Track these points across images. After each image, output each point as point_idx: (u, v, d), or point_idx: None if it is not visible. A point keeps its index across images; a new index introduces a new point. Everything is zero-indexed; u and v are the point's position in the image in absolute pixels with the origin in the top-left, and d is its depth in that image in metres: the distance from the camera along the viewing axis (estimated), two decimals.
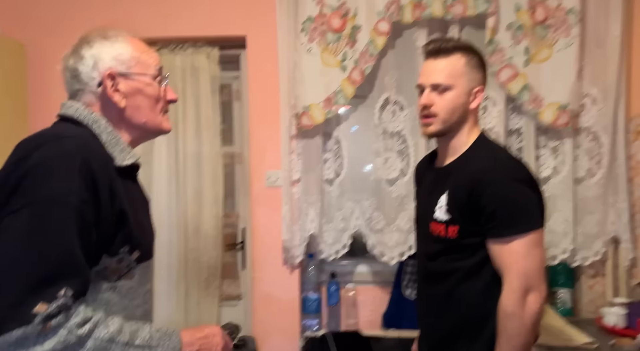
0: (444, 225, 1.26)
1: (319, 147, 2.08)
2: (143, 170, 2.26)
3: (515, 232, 1.16)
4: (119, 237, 0.92)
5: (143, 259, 0.99)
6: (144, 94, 1.03)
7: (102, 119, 0.99)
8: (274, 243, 2.18)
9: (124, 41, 1.02)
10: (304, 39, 1.99)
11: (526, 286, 1.16)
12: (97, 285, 0.90)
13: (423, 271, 1.40)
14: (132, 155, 1.02)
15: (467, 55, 1.27)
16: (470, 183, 1.20)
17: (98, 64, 0.98)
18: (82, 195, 0.84)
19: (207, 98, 2.26)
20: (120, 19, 2.20)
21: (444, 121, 1.26)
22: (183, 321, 2.30)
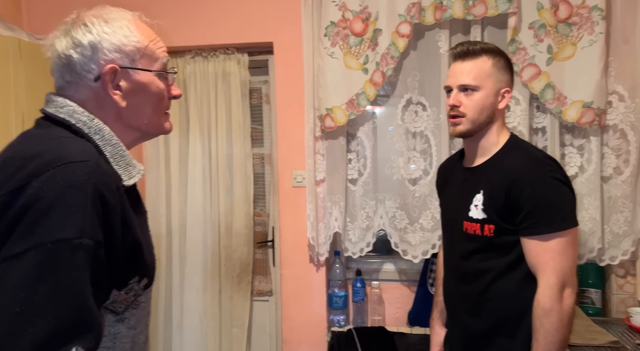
0: (479, 224, 1.28)
1: (342, 148, 2.14)
2: (179, 171, 2.43)
3: (555, 229, 1.19)
4: (130, 269, 0.82)
5: (149, 284, 0.89)
6: (148, 92, 0.88)
7: (105, 128, 0.83)
8: (301, 241, 2.26)
9: (129, 27, 0.87)
10: (327, 43, 2.06)
11: (562, 282, 1.19)
12: (104, 319, 0.81)
13: (455, 271, 1.42)
14: (138, 170, 0.88)
15: (494, 57, 1.31)
16: (508, 181, 1.23)
17: (97, 54, 0.83)
18: (96, 234, 0.71)
19: (237, 102, 2.37)
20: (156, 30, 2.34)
21: (472, 121, 1.30)
22: (218, 314, 2.42)
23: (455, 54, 1.35)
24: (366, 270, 2.34)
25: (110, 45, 0.84)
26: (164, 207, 2.47)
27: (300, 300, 2.30)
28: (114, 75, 0.84)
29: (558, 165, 1.29)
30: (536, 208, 1.20)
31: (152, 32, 0.92)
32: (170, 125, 0.96)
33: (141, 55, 0.87)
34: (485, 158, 1.35)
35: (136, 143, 0.94)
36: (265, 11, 2.25)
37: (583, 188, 1.93)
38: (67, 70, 0.83)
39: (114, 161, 0.83)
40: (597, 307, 2.06)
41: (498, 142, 1.34)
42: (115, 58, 0.84)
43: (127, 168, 0.85)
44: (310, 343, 2.28)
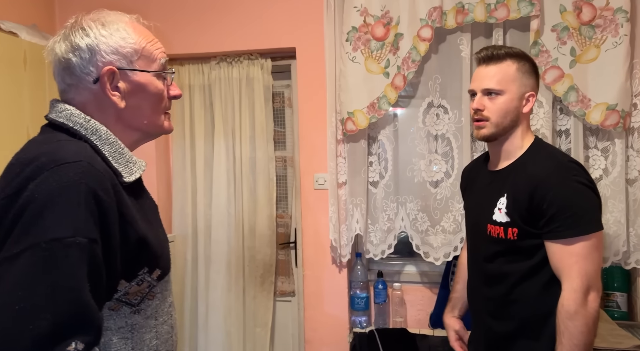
0: (502, 227, 1.29)
1: (364, 150, 2.17)
2: (205, 174, 2.50)
3: (579, 233, 1.19)
4: (137, 262, 0.85)
5: (164, 275, 0.93)
6: (147, 93, 0.90)
7: (102, 128, 0.85)
8: (323, 242, 2.29)
9: (126, 29, 0.89)
10: (349, 48, 2.09)
11: (587, 286, 1.19)
12: (120, 311, 0.85)
13: (479, 274, 1.43)
14: (139, 166, 0.91)
15: (519, 62, 1.32)
16: (532, 185, 1.24)
17: (95, 57, 0.85)
18: (91, 232, 0.73)
19: (260, 106, 2.43)
20: (181, 37, 2.42)
21: (496, 124, 1.32)
22: (242, 314, 2.47)
23: (480, 58, 1.36)
24: (388, 272, 2.36)
25: (108, 47, 0.85)
26: (190, 209, 2.54)
27: (322, 301, 2.34)
28: (112, 76, 0.86)
29: (583, 169, 1.28)
30: (560, 212, 1.20)
31: (150, 34, 0.94)
32: (170, 124, 0.97)
33: (139, 57, 0.89)
34: (510, 161, 1.36)
35: (139, 143, 0.96)
36: (288, 17, 2.29)
37: (607, 191, 1.91)
38: (67, 73, 0.86)
39: (113, 159, 0.85)
40: (623, 311, 2.04)
41: (522, 146, 1.35)
42: (113, 60, 0.86)
43: (127, 165, 0.87)
44: (333, 343, 2.31)
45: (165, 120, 0.96)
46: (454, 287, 1.64)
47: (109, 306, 0.83)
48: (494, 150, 1.41)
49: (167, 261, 0.94)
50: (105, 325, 0.82)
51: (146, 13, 2.52)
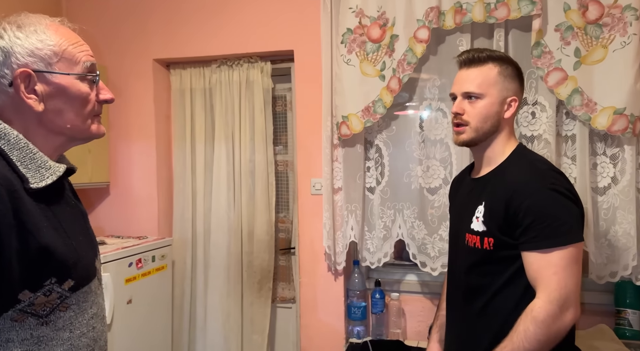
0: (479, 236, 1.25)
1: (360, 155, 2.11)
2: (205, 178, 2.49)
3: (556, 244, 1.13)
4: (42, 271, 0.81)
5: (80, 286, 0.88)
6: (67, 96, 0.87)
7: (11, 133, 0.83)
8: (319, 249, 2.24)
9: (45, 32, 0.85)
10: (344, 50, 2.03)
11: (565, 299, 1.13)
12: (25, 323, 0.81)
13: (457, 284, 1.38)
14: (53, 171, 0.87)
15: (501, 65, 1.28)
16: (508, 193, 1.19)
17: (9, 59, 0.82)
18: None
19: (260, 109, 2.40)
20: (183, 41, 2.42)
21: (475, 129, 1.27)
22: (239, 320, 2.45)
23: (461, 61, 1.32)
24: (387, 281, 2.29)
25: (23, 49, 0.83)
26: (190, 213, 2.53)
27: (318, 308, 2.29)
28: (27, 79, 0.84)
29: (564, 178, 1.23)
30: (536, 221, 1.14)
31: (74, 36, 0.90)
32: (99, 128, 0.94)
33: (59, 59, 0.86)
34: (490, 168, 1.31)
35: (65, 146, 0.93)
36: (286, 20, 2.27)
37: (616, 201, 1.79)
38: None
39: (22, 165, 0.82)
40: (635, 329, 1.90)
41: (504, 152, 1.30)
42: (29, 62, 0.83)
43: (38, 171, 0.84)
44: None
45: (93, 124, 0.92)
46: (440, 305, 1.55)
47: (11, 317, 0.79)
48: (476, 156, 1.37)
49: (85, 271, 0.90)
50: (8, 336, 0.79)
51: (147, 18, 2.54)
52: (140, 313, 2.21)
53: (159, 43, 2.47)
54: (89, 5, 2.56)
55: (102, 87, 0.93)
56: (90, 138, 0.94)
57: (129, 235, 2.49)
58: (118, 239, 2.38)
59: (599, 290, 1.98)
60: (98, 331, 0.94)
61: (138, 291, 2.19)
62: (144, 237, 2.44)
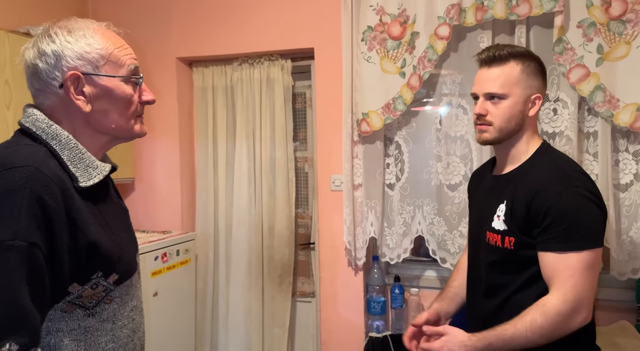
0: (500, 235, 1.24)
1: (380, 152, 2.13)
2: (226, 174, 2.54)
3: (570, 248, 1.12)
4: (90, 266, 0.85)
5: (123, 280, 0.93)
6: (113, 97, 0.91)
7: (62, 133, 0.87)
8: (339, 245, 2.27)
9: (93, 36, 0.89)
10: (364, 48, 2.05)
11: (579, 303, 1.12)
12: (73, 314, 0.85)
13: (476, 282, 1.37)
14: (100, 170, 0.91)
15: (524, 63, 1.25)
16: (531, 194, 1.18)
17: (60, 62, 0.86)
18: (30, 236, 0.75)
19: (280, 106, 2.44)
20: (205, 39, 2.47)
21: (499, 129, 1.26)
22: (261, 313, 2.50)
23: (482, 59, 1.29)
24: (407, 277, 2.31)
25: (73, 53, 0.87)
26: (212, 208, 2.59)
27: (338, 303, 2.32)
28: (77, 81, 0.87)
29: (588, 180, 1.20)
30: (555, 223, 1.13)
31: (119, 40, 0.94)
32: (141, 128, 0.98)
33: (105, 62, 0.90)
34: (514, 166, 1.30)
35: (109, 145, 0.97)
36: (307, 18, 2.29)
37: (638, 197, 1.78)
38: (35, 78, 0.88)
39: (72, 164, 0.87)
40: None
41: (528, 150, 1.28)
42: (78, 65, 0.87)
43: (86, 170, 0.88)
44: (348, 346, 2.29)
45: (136, 124, 0.96)
46: (449, 283, 1.54)
47: (61, 308, 0.84)
48: (499, 153, 1.36)
49: (128, 266, 0.95)
50: (58, 326, 0.84)
51: (170, 18, 2.59)
52: (165, 305, 2.28)
53: (181, 42, 2.52)
54: (114, 4, 2.61)
55: (145, 89, 0.97)
56: (132, 138, 0.98)
57: (154, 230, 2.56)
58: (144, 233, 2.45)
59: (620, 286, 1.97)
60: (137, 322, 0.99)
61: (163, 284, 2.26)
62: (168, 232, 2.51)
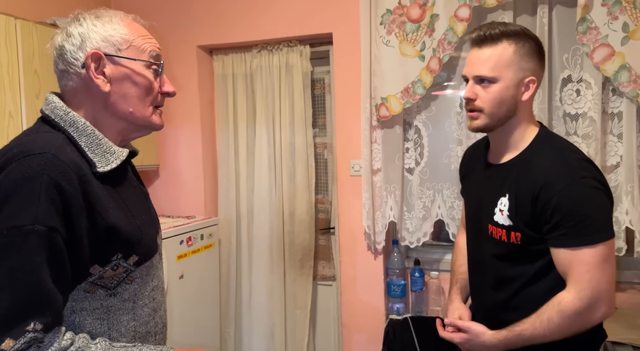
0: (505, 230, 1.19)
1: (399, 137, 2.13)
2: (247, 160, 2.58)
3: (585, 243, 1.08)
4: (110, 248, 0.88)
5: (143, 261, 0.95)
6: (133, 81, 0.93)
7: (79, 120, 0.90)
8: (359, 229, 2.30)
9: (119, 23, 0.93)
10: (383, 31, 2.05)
11: (597, 298, 1.09)
12: (96, 294, 0.88)
13: (482, 274, 1.32)
14: (117, 156, 0.93)
15: (517, 42, 1.15)
16: (536, 188, 1.12)
17: (85, 44, 0.90)
18: (49, 221, 0.77)
19: (299, 93, 2.45)
20: (225, 27, 2.49)
21: (490, 115, 1.18)
22: (282, 296, 2.55)
23: (472, 39, 1.20)
24: (427, 260, 2.32)
25: (98, 35, 0.91)
26: (234, 194, 2.64)
27: (358, 286, 2.35)
28: (98, 60, 0.90)
29: (593, 167, 1.14)
30: (565, 219, 1.08)
31: (143, 30, 0.98)
32: (160, 120, 0.99)
33: (128, 46, 0.93)
34: (512, 155, 1.23)
35: (127, 134, 0.99)
36: (324, 3, 2.28)
37: None
38: (61, 59, 0.91)
39: (89, 150, 0.89)
40: None
41: (525, 137, 1.21)
42: (101, 46, 0.91)
43: (104, 156, 0.90)
44: (368, 328, 2.33)
45: (154, 114, 0.98)
46: (457, 270, 1.47)
47: (84, 288, 0.87)
48: (493, 140, 1.28)
49: (148, 247, 0.97)
50: (82, 305, 0.88)
51: (190, 6, 2.61)
52: (191, 287, 2.35)
53: (202, 30, 2.55)
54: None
55: (166, 80, 0.99)
56: (150, 127, 0.99)
57: (179, 215, 2.63)
58: (169, 218, 2.52)
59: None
60: (158, 302, 1.02)
61: (189, 267, 2.33)
62: (192, 217, 2.57)
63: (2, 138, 1.77)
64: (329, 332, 2.60)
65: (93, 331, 0.88)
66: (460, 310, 1.36)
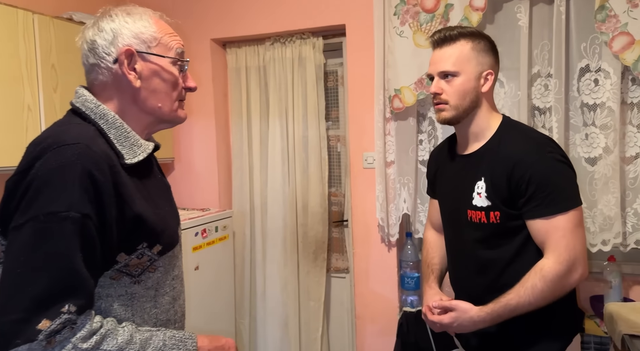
0: (484, 211, 1.26)
1: (412, 128, 2.12)
2: (260, 153, 2.59)
3: (558, 210, 1.18)
4: (136, 237, 0.91)
5: (166, 251, 0.98)
6: (161, 77, 0.97)
7: (109, 113, 0.93)
8: (372, 221, 2.30)
9: (148, 21, 0.97)
10: (396, 22, 2.03)
11: (574, 261, 1.18)
12: (121, 281, 0.91)
13: (464, 261, 1.37)
14: (144, 148, 0.97)
15: (473, 41, 1.29)
16: (509, 166, 1.22)
17: (117, 39, 0.93)
18: (83, 208, 0.81)
19: (312, 85, 2.45)
20: (238, 20, 2.49)
21: (455, 107, 1.29)
22: (296, 287, 2.56)
23: (434, 41, 1.33)
24: None
25: (129, 32, 0.94)
26: (247, 186, 2.65)
27: (372, 278, 2.36)
28: (130, 57, 0.94)
29: (556, 145, 1.27)
30: (538, 190, 1.18)
31: (169, 28, 1.02)
32: (184, 113, 1.04)
33: (157, 44, 0.97)
34: (480, 143, 1.32)
35: (153, 128, 1.03)
36: None
37: None
38: (92, 53, 0.94)
39: (118, 142, 0.92)
40: None
41: (490, 126, 1.31)
42: (133, 43, 0.94)
43: (131, 148, 0.94)
44: (382, 320, 2.33)
45: (179, 108, 1.02)
46: (432, 261, 1.53)
47: (110, 275, 0.90)
48: (460, 132, 1.37)
49: (170, 238, 1.00)
50: (108, 292, 0.91)
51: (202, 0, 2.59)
52: (206, 279, 2.38)
53: (215, 23, 2.56)
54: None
55: (189, 76, 1.04)
56: (175, 121, 1.03)
57: (193, 207, 2.65)
58: (184, 211, 2.55)
59: None
60: (178, 291, 1.05)
61: (204, 258, 2.36)
62: (207, 209, 2.60)
63: (21, 131, 1.80)
64: (343, 324, 2.62)
65: (118, 317, 0.91)
66: (441, 294, 1.42)
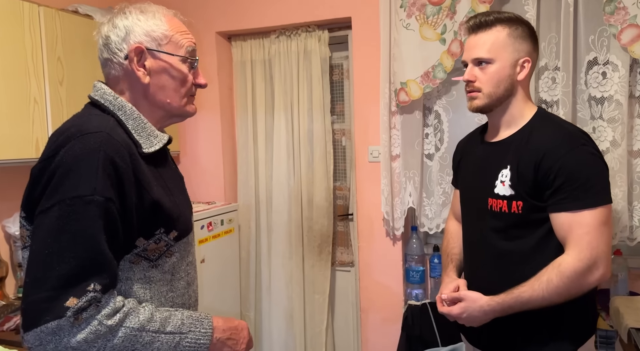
0: (506, 200, 1.23)
1: (419, 122, 2.11)
2: (266, 147, 2.59)
3: (585, 206, 1.13)
4: (153, 222, 0.95)
5: (182, 237, 1.02)
6: (170, 74, 1.00)
7: (127, 105, 0.98)
8: (377, 215, 2.30)
9: (161, 18, 1.00)
10: (403, 14, 2.02)
11: (595, 259, 1.13)
12: (140, 265, 0.95)
13: (480, 252, 1.34)
14: (160, 139, 1.01)
15: (510, 26, 1.24)
16: (538, 155, 1.18)
17: (129, 36, 0.97)
18: (106, 192, 0.85)
19: (318, 78, 2.44)
20: (243, 12, 2.49)
21: (489, 95, 1.25)
22: (301, 281, 2.57)
23: (469, 27, 1.29)
24: None
25: (141, 29, 0.98)
26: (252, 180, 2.66)
27: (376, 272, 2.36)
28: (140, 54, 0.98)
29: (590, 139, 1.21)
30: (567, 182, 1.14)
31: (182, 26, 1.05)
32: (193, 108, 1.08)
33: (167, 42, 1.00)
34: (511, 131, 1.29)
35: (164, 122, 1.07)
36: None
37: None
38: (106, 48, 0.99)
39: (135, 132, 0.97)
40: None
41: (523, 116, 1.28)
42: (144, 41, 0.98)
43: (148, 138, 0.99)
44: (387, 313, 2.34)
45: (188, 103, 1.06)
46: (452, 251, 1.51)
47: (129, 259, 0.94)
48: (492, 121, 1.35)
49: (185, 225, 1.05)
50: (127, 275, 0.95)
51: None
52: (212, 272, 2.39)
53: (220, 16, 2.55)
54: None
55: (199, 73, 1.06)
56: (184, 115, 1.07)
57: (199, 201, 2.66)
58: None
59: None
60: (191, 276, 1.09)
61: (209, 251, 2.36)
62: (212, 202, 2.60)
63: (27, 123, 1.80)
64: (348, 317, 2.62)
65: (137, 299, 0.95)
66: (458, 281, 1.39)
